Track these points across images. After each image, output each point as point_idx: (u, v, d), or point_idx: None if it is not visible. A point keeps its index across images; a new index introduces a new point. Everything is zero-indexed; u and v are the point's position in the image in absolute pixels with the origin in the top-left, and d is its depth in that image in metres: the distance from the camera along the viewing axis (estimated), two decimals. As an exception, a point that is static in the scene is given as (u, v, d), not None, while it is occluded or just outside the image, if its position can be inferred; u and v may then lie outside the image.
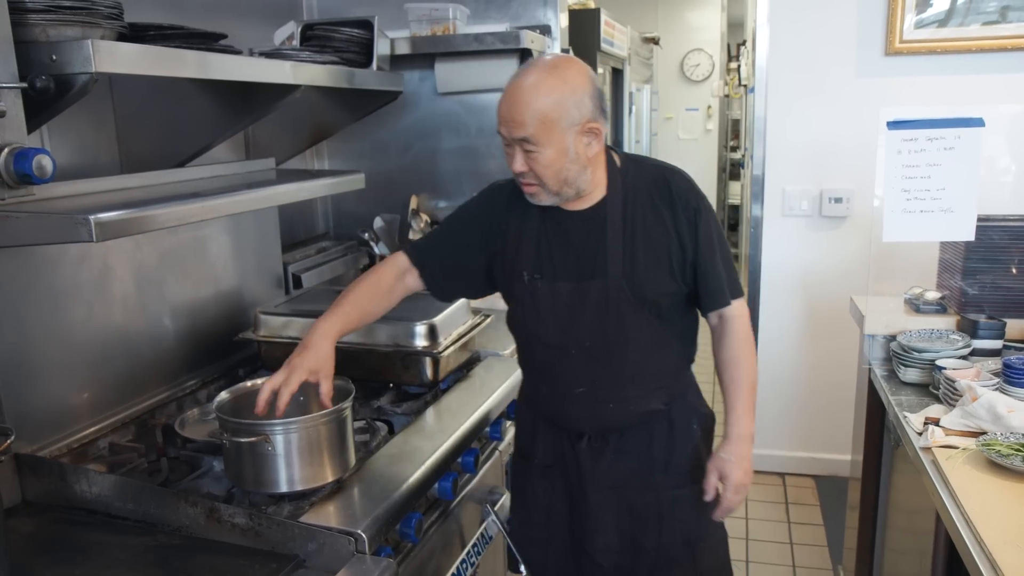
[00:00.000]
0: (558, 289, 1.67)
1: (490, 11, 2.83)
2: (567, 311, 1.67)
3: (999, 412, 1.75)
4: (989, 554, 1.36)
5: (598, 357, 1.68)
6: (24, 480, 1.60)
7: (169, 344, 2.07)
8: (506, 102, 1.56)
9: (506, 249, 1.73)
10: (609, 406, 1.71)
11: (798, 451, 3.81)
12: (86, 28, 1.41)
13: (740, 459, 1.73)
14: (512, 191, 1.73)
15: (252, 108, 2.06)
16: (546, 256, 1.68)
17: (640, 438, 1.76)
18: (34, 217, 1.37)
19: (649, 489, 1.77)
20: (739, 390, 1.76)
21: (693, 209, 1.68)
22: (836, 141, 3.42)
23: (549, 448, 1.82)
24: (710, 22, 8.16)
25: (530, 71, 1.56)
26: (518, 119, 1.53)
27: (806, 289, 3.62)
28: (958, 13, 3.19)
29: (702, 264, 1.69)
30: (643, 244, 1.66)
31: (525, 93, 1.53)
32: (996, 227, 2.23)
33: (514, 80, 1.57)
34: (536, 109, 1.52)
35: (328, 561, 1.38)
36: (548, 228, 1.69)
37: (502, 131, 1.58)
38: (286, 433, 1.51)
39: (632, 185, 1.69)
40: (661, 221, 1.67)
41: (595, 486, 1.77)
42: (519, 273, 1.69)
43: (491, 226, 1.75)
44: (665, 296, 1.68)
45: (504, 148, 1.61)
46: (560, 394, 1.74)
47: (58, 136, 1.80)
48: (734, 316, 1.75)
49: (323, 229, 3.05)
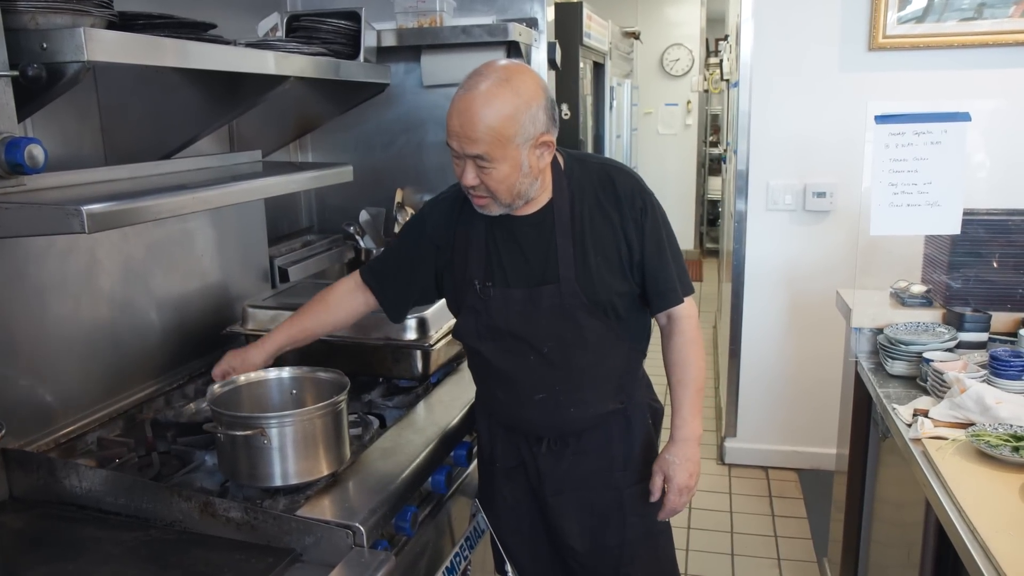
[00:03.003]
0: (511, 295, 1.64)
1: (477, 4, 2.82)
2: (521, 318, 1.64)
3: (988, 403, 1.78)
4: (982, 542, 1.38)
5: (556, 362, 1.66)
6: (12, 475, 1.57)
7: (156, 338, 2.04)
8: (458, 117, 1.49)
9: (454, 260, 1.70)
10: (570, 410, 1.70)
11: (781, 445, 3.84)
12: (76, 16, 1.38)
13: (685, 461, 1.73)
14: (453, 203, 1.72)
15: (239, 100, 2.04)
16: (496, 263, 1.66)
17: (599, 438, 1.75)
18: (25, 208, 1.34)
19: (610, 487, 1.77)
20: (686, 392, 1.75)
21: (639, 208, 1.66)
22: (820, 136, 3.44)
23: (509, 452, 1.81)
24: (689, 17, 8.20)
25: (481, 81, 1.48)
26: (471, 136, 1.47)
27: (789, 283, 3.65)
28: (935, 9, 3.23)
29: (651, 263, 1.67)
30: (593, 245, 1.64)
31: (477, 106, 1.46)
32: (980, 221, 2.26)
33: (465, 92, 1.49)
34: (490, 126, 1.46)
35: (326, 555, 1.37)
36: (496, 235, 1.66)
37: (453, 145, 1.52)
38: (281, 426, 1.49)
39: (578, 186, 1.66)
40: (608, 221, 1.65)
41: (554, 488, 1.77)
42: (470, 281, 1.66)
43: (437, 240, 1.73)
44: (618, 296, 1.66)
45: (453, 160, 1.56)
46: (518, 401, 1.71)
47: (41, 127, 1.76)
48: (683, 316, 1.73)
49: (307, 223, 3.03)
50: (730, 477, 3.79)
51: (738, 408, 3.86)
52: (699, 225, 8.79)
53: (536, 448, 1.76)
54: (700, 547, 3.20)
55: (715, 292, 6.58)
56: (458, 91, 1.51)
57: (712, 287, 7.06)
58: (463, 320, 1.71)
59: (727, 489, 3.68)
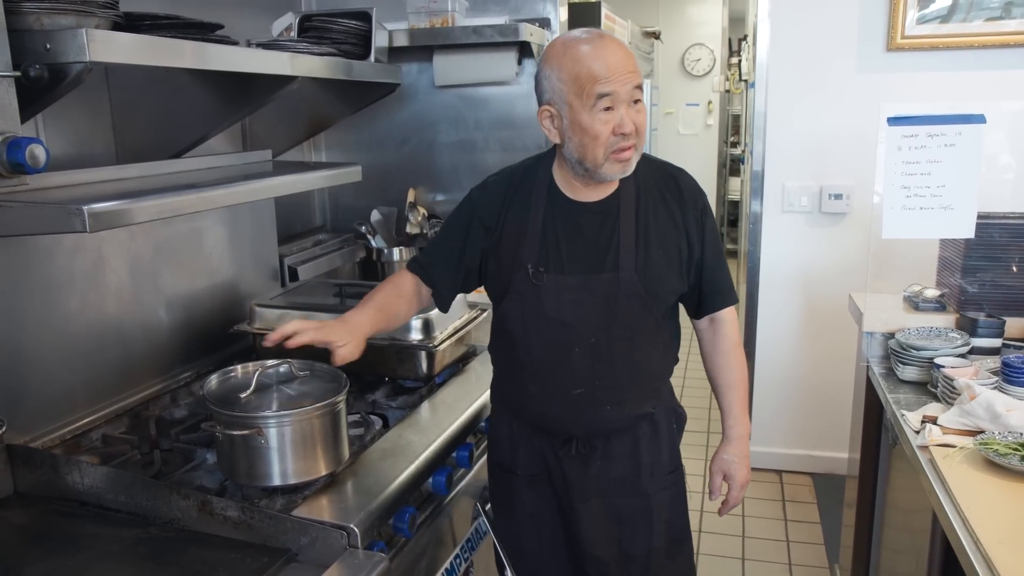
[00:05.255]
0: (565, 282, 1.61)
1: (489, 4, 2.82)
2: (573, 306, 1.61)
3: (997, 411, 1.75)
4: (985, 553, 1.35)
5: (601, 355, 1.63)
6: (16, 471, 1.59)
7: (163, 336, 2.06)
8: (611, 55, 1.50)
9: (502, 242, 1.67)
10: (606, 408, 1.66)
11: (795, 448, 3.80)
12: (80, 17, 1.40)
13: (743, 458, 1.79)
14: (506, 185, 1.70)
15: (249, 99, 2.05)
16: (553, 248, 1.63)
17: (627, 442, 1.73)
18: (27, 207, 1.36)
19: (637, 494, 1.74)
20: (735, 393, 1.78)
21: (701, 208, 1.69)
22: (836, 137, 3.40)
23: (533, 457, 1.76)
24: (711, 16, 8.14)
25: (595, 33, 1.56)
26: (632, 67, 1.51)
27: (805, 286, 3.61)
28: (961, 8, 3.17)
29: (709, 263, 1.69)
30: (656, 240, 1.63)
31: (617, 44, 1.53)
32: (996, 225, 2.22)
33: (598, 40, 1.53)
34: (632, 56, 1.54)
35: (320, 555, 1.37)
36: (557, 220, 1.64)
37: (614, 88, 1.50)
38: (279, 426, 1.50)
39: (643, 180, 1.66)
40: (672, 218, 1.66)
41: (581, 495, 1.72)
42: (522, 265, 1.63)
43: (487, 220, 1.70)
44: (672, 294, 1.67)
45: (600, 114, 1.51)
46: (553, 396, 1.67)
47: (53, 126, 1.79)
48: (728, 320, 1.75)
49: (320, 222, 3.04)
50: (743, 481, 3.76)
51: (752, 411, 3.83)
52: (720, 226, 8.73)
53: (562, 452, 1.72)
54: (711, 551, 3.18)
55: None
56: (580, 46, 1.52)
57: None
58: (508, 305, 1.67)
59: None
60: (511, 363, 1.74)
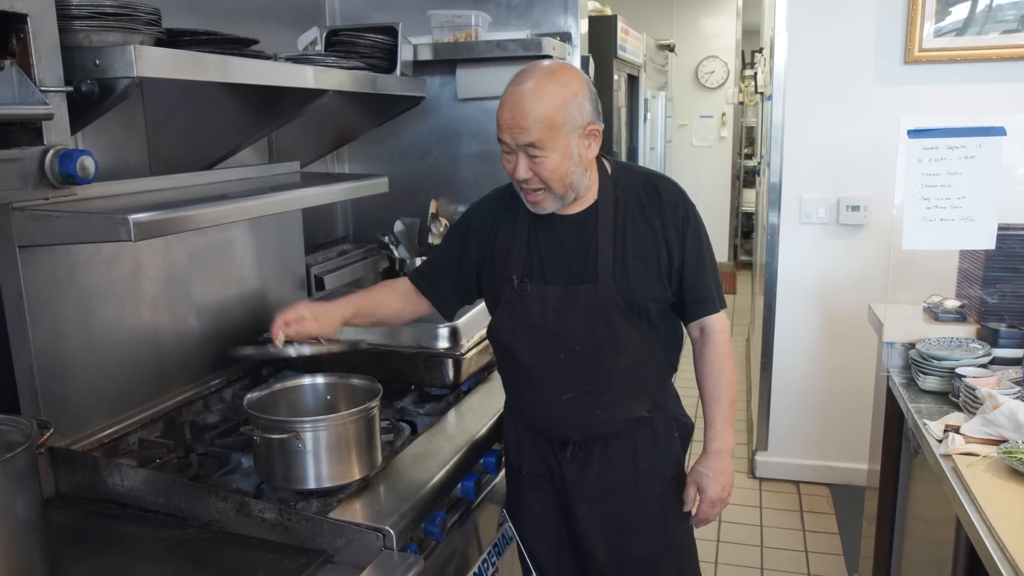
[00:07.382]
0: (547, 292, 1.68)
1: (511, 18, 2.86)
2: (556, 315, 1.68)
3: (1021, 420, 1.76)
4: (1012, 561, 1.37)
5: (586, 361, 1.69)
6: (58, 473, 1.63)
7: (195, 343, 2.10)
8: (509, 109, 1.56)
9: (494, 255, 1.75)
10: (596, 412, 1.72)
11: (813, 459, 3.81)
12: (127, 34, 1.45)
13: (718, 473, 1.76)
14: (498, 201, 1.78)
15: (279, 113, 2.10)
16: (536, 260, 1.70)
17: (624, 447, 1.77)
18: (75, 216, 1.40)
19: (635, 498, 1.78)
20: (719, 405, 1.77)
21: (682, 217, 1.71)
22: (854, 149, 3.43)
23: (535, 459, 1.82)
24: (725, 29, 8.18)
25: (528, 77, 1.57)
26: (523, 125, 1.54)
27: (822, 297, 3.63)
28: (976, 21, 3.20)
29: (689, 270, 1.71)
30: (633, 249, 1.68)
31: (527, 99, 1.54)
32: (1016, 236, 2.24)
33: (514, 87, 1.57)
34: (540, 114, 1.53)
35: (356, 556, 1.40)
36: (539, 233, 1.71)
37: (504, 138, 1.58)
38: (315, 430, 1.54)
39: (623, 191, 1.71)
40: (651, 227, 1.69)
41: (580, 497, 1.78)
42: (509, 277, 1.71)
43: (480, 235, 1.78)
44: (653, 302, 1.70)
45: (503, 156, 1.62)
46: (547, 401, 1.73)
47: (91, 139, 1.83)
48: (716, 329, 1.76)
49: (344, 232, 3.08)
50: (761, 491, 3.77)
51: (769, 422, 3.84)
52: (733, 237, 8.74)
53: (561, 454, 1.77)
54: (729, 560, 3.19)
55: (748, 305, 6.54)
56: (507, 88, 1.59)
57: (746, 300, 7.02)
58: (499, 315, 1.75)
59: (758, 503, 3.66)
60: (509, 370, 1.81)
